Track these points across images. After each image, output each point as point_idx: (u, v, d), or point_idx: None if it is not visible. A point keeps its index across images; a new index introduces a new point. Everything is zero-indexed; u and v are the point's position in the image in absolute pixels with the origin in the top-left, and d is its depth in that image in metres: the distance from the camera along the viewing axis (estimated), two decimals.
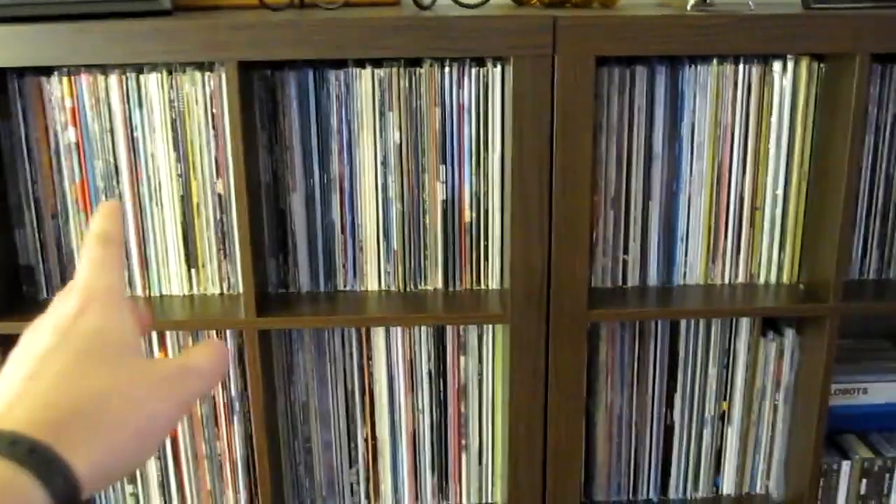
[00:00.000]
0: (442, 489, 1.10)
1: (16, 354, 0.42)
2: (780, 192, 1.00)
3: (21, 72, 0.95)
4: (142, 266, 1.01)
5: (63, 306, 0.43)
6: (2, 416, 0.37)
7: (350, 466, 1.09)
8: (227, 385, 1.04)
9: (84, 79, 0.95)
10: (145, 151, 0.97)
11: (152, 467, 1.08)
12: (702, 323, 1.04)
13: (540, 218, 0.94)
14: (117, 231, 0.47)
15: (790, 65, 0.96)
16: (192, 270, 1.01)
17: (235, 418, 1.05)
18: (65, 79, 0.95)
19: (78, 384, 0.39)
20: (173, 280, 1.01)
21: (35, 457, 0.35)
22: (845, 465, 1.04)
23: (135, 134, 0.97)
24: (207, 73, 0.95)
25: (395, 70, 0.95)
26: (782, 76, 0.96)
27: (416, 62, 0.96)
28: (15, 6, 0.91)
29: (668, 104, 0.97)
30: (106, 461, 0.38)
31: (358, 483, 1.09)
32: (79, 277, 0.44)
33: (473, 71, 0.95)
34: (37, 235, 1.00)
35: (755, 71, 0.96)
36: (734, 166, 0.99)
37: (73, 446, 0.36)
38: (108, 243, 0.46)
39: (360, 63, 0.96)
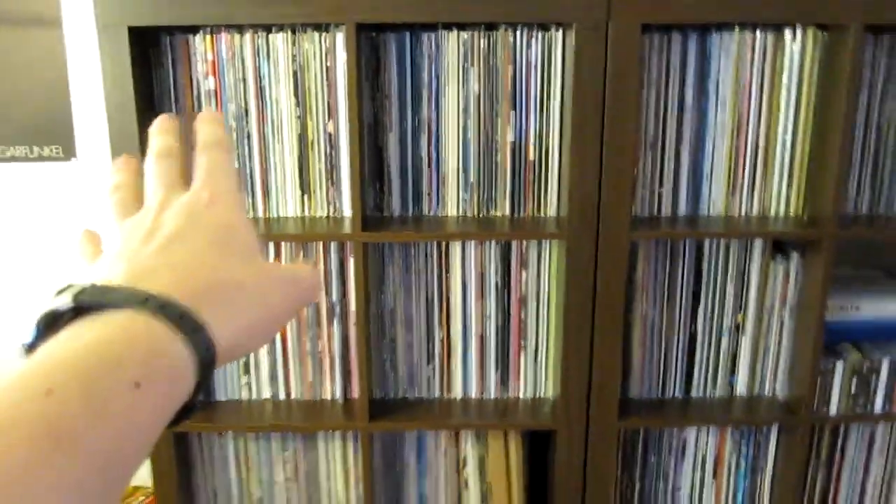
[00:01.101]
0: (503, 383, 1.32)
1: (137, 225, 0.42)
2: (788, 138, 1.21)
3: (172, 30, 1.17)
4: (263, 192, 1.24)
5: (192, 196, 0.43)
6: (140, 281, 0.37)
7: (428, 363, 1.31)
8: (329, 292, 1.27)
9: (223, 37, 1.17)
10: (270, 97, 1.20)
11: (264, 362, 1.31)
12: (721, 246, 1.26)
13: (593, 156, 1.15)
14: (228, 138, 0.48)
15: (799, 33, 1.17)
16: (305, 196, 1.24)
17: (335, 321, 1.28)
18: (207, 37, 1.18)
19: (213, 265, 0.40)
20: (289, 203, 1.24)
21: (184, 322, 0.35)
22: (839, 365, 1.25)
23: (262, 83, 1.19)
24: (324, 34, 1.17)
25: (476, 33, 1.17)
26: (792, 42, 1.18)
27: (493, 27, 1.18)
28: None
29: (698, 65, 1.19)
30: (235, 339, 0.38)
31: (434, 377, 1.32)
32: (202, 177, 0.44)
33: (540, 35, 1.17)
34: None
35: (770, 38, 1.18)
36: (751, 117, 1.20)
37: (212, 318, 0.36)
38: (226, 149, 0.46)
39: (448, 27, 1.18)
